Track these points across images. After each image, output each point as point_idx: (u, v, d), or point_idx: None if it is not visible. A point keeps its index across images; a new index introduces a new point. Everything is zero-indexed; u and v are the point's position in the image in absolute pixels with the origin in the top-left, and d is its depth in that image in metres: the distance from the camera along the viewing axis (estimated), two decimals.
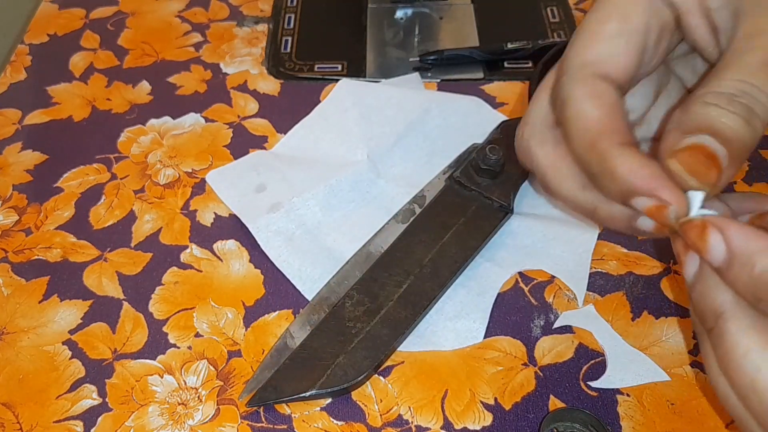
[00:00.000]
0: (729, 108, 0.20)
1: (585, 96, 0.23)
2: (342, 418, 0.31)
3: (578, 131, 0.23)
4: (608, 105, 0.22)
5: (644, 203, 0.21)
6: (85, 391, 0.32)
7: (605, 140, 0.22)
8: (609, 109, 0.22)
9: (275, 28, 0.51)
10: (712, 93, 0.21)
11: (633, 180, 0.21)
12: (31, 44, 0.50)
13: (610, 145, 0.22)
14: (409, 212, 0.37)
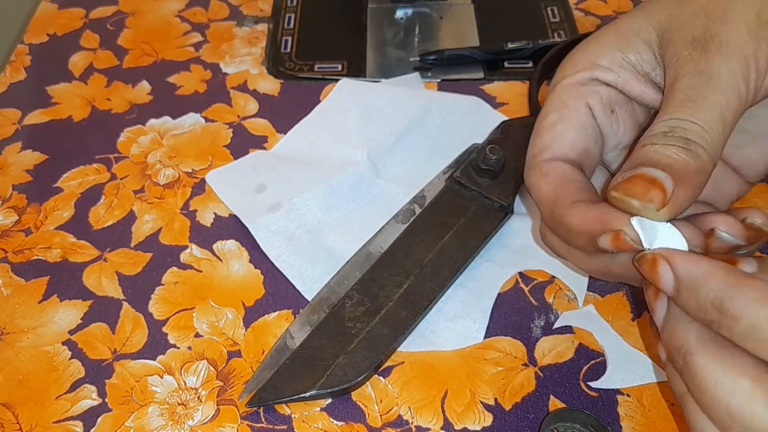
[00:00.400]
0: (663, 142, 0.23)
1: (536, 178, 0.27)
2: (342, 418, 0.31)
3: (540, 208, 0.27)
4: (555, 178, 0.26)
5: (605, 240, 0.23)
6: (84, 391, 0.32)
7: (558, 206, 0.25)
8: (557, 180, 0.26)
9: (275, 28, 0.51)
10: (647, 136, 0.24)
11: (585, 226, 0.24)
12: (30, 44, 0.50)
13: (562, 209, 0.25)
14: (409, 212, 0.37)
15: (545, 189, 0.26)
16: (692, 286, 0.21)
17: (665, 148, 0.23)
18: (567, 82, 0.27)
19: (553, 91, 0.28)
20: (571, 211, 0.25)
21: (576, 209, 0.24)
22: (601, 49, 0.27)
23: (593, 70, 0.27)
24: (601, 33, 0.27)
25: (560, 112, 0.27)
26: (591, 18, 0.51)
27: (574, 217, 0.24)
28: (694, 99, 0.23)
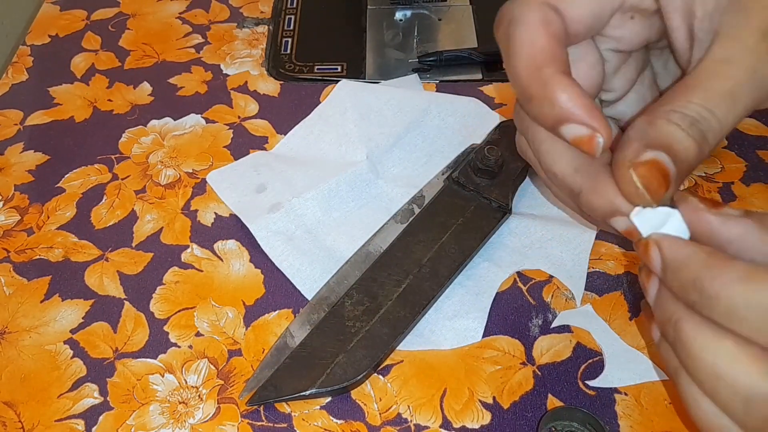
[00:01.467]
0: (689, 131, 0.22)
1: (536, 20, 0.23)
2: (341, 416, 0.31)
3: (525, 53, 0.23)
4: (555, 35, 0.23)
5: (576, 131, 0.23)
6: (86, 390, 0.32)
7: (550, 67, 0.23)
8: (556, 38, 0.23)
9: (275, 30, 0.51)
10: (678, 113, 0.22)
11: (570, 107, 0.22)
12: (32, 45, 0.51)
13: (554, 72, 0.23)
14: (408, 212, 0.38)
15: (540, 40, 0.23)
16: (676, 268, 0.22)
17: (687, 140, 0.22)
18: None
19: None
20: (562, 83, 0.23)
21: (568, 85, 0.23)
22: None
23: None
24: None
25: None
26: None
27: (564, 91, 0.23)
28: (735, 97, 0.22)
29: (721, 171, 0.41)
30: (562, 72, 0.23)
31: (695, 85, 0.23)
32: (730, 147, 0.42)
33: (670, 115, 0.22)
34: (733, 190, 0.40)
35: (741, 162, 0.41)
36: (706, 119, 0.22)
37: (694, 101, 0.22)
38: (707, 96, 0.22)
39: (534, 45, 0.23)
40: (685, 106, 0.22)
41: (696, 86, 0.23)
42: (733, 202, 0.39)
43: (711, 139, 0.23)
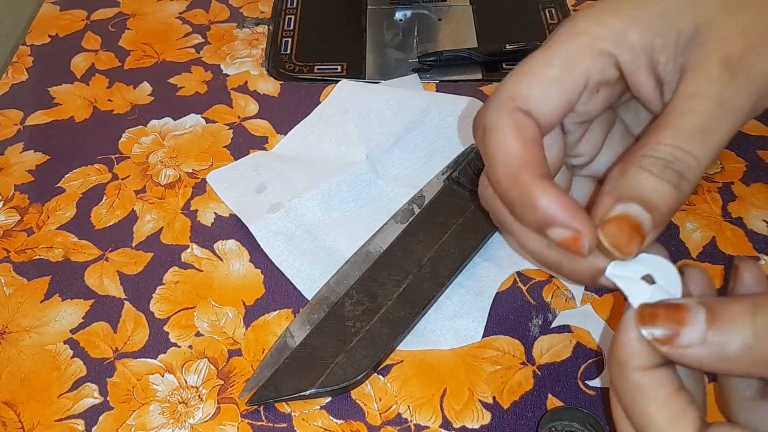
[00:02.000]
0: (662, 176, 0.22)
1: (509, 127, 0.23)
2: (341, 416, 0.31)
3: (501, 162, 0.24)
4: (530, 139, 0.23)
5: (560, 233, 0.23)
6: (86, 390, 0.32)
7: (527, 173, 0.23)
8: (531, 143, 0.23)
9: (275, 30, 0.51)
10: (649, 157, 0.22)
11: (552, 212, 0.22)
12: (32, 45, 0.51)
13: (531, 178, 0.23)
14: (408, 212, 0.38)
15: (515, 146, 0.23)
16: None
17: (661, 185, 0.22)
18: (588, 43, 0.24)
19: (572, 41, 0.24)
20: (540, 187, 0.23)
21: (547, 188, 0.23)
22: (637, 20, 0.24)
23: (619, 45, 0.24)
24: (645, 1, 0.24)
25: (563, 73, 0.24)
26: None
27: (544, 195, 0.23)
28: (707, 130, 0.22)
29: (721, 171, 0.41)
30: (540, 176, 0.23)
31: (665, 124, 0.23)
32: (730, 147, 0.42)
33: (641, 161, 0.22)
34: (733, 190, 0.40)
35: (741, 162, 0.41)
36: (680, 159, 0.22)
37: (665, 142, 0.22)
38: (678, 135, 0.22)
39: (509, 152, 0.23)
40: (656, 148, 0.22)
41: (666, 125, 0.23)
42: (733, 202, 0.39)
43: (690, 177, 0.22)
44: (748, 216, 0.38)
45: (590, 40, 0.24)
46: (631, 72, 0.25)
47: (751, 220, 0.38)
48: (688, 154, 0.22)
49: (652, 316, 0.21)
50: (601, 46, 0.24)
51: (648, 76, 0.25)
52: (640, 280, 0.23)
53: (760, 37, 0.23)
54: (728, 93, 0.23)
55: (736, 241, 0.37)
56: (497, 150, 0.24)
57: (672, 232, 0.38)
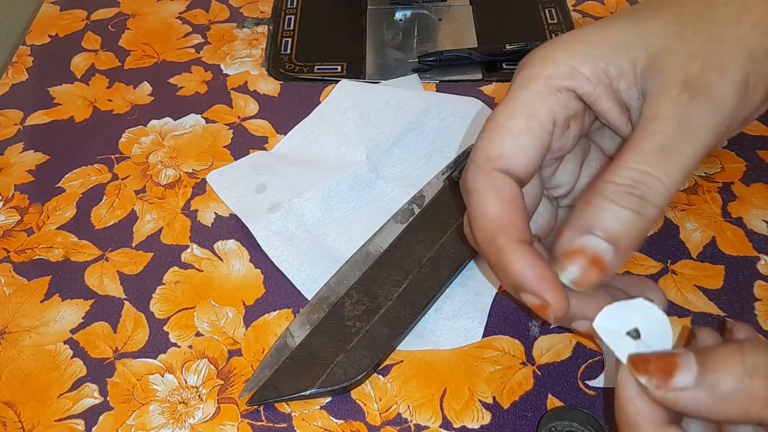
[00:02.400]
0: (623, 203, 0.22)
1: (487, 190, 0.24)
2: (341, 416, 0.31)
3: (480, 223, 0.24)
4: (508, 200, 0.24)
5: (531, 300, 0.23)
6: (86, 390, 0.32)
7: (503, 236, 0.24)
8: (508, 204, 0.24)
9: (275, 30, 0.51)
10: (610, 184, 0.23)
11: (523, 279, 0.23)
12: (32, 45, 0.51)
13: (507, 242, 0.23)
14: (408, 212, 0.38)
15: (492, 208, 0.24)
16: None
17: (621, 212, 0.22)
18: (543, 85, 0.25)
19: (527, 87, 0.25)
20: (514, 252, 0.23)
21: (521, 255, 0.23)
22: (587, 54, 0.25)
23: (574, 79, 0.25)
24: (592, 33, 0.25)
25: (529, 121, 0.25)
26: (588, 19, 0.51)
27: (516, 261, 0.23)
28: (668, 150, 0.23)
29: (721, 171, 0.41)
30: (517, 240, 0.23)
31: (630, 148, 0.23)
32: (730, 147, 0.42)
33: (604, 188, 0.23)
34: (733, 190, 0.40)
35: (741, 162, 0.41)
36: (641, 181, 0.22)
37: (627, 165, 0.23)
38: (640, 156, 0.23)
39: (487, 215, 0.24)
40: (619, 173, 0.23)
41: (630, 149, 0.23)
42: (733, 202, 0.39)
43: (654, 198, 0.22)
44: (748, 216, 0.38)
45: (545, 81, 0.25)
46: (594, 101, 0.25)
47: (751, 220, 0.38)
48: (650, 175, 0.22)
49: (644, 363, 0.22)
50: (557, 84, 0.25)
51: (611, 104, 0.25)
52: (625, 335, 0.23)
53: (718, 59, 0.24)
54: (689, 113, 0.23)
55: (736, 241, 0.37)
56: (476, 213, 0.25)
57: (672, 232, 0.38)
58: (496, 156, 0.24)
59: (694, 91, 0.23)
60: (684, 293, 0.35)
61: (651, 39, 0.24)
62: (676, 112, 0.23)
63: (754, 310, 0.34)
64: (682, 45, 0.24)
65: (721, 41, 0.24)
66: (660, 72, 0.24)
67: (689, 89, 0.23)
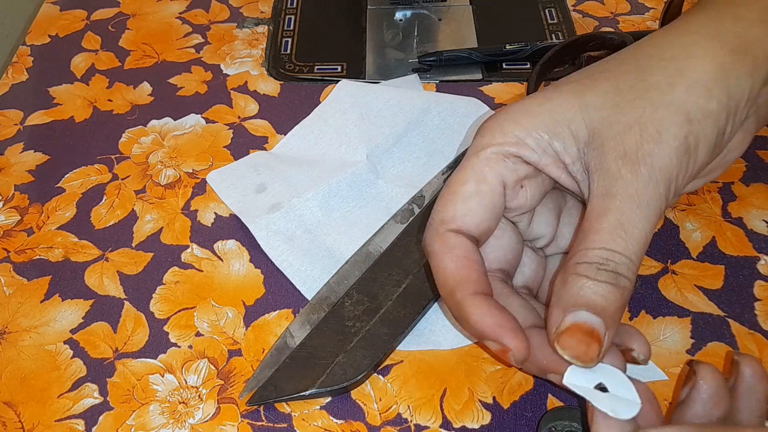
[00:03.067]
0: (598, 278, 0.24)
1: (442, 250, 0.26)
2: (341, 416, 0.31)
3: (439, 281, 0.26)
4: (461, 257, 0.26)
5: (493, 346, 0.25)
6: (86, 390, 0.32)
7: (460, 291, 0.25)
8: (462, 261, 0.26)
9: (275, 30, 0.51)
10: (582, 264, 0.24)
11: (481, 327, 0.25)
12: (32, 45, 0.51)
13: (464, 296, 0.25)
14: (408, 212, 0.38)
15: (449, 266, 0.26)
16: None
17: (600, 287, 0.24)
18: (492, 152, 0.27)
19: (477, 155, 0.27)
20: (471, 305, 0.25)
21: (477, 306, 0.25)
22: (531, 127, 0.26)
23: (519, 147, 0.26)
24: (537, 106, 0.27)
25: (478, 185, 0.26)
26: (588, 19, 0.51)
27: (473, 312, 0.25)
28: (624, 227, 0.24)
29: None
30: (473, 293, 0.25)
31: (588, 229, 0.24)
32: None
33: (577, 268, 0.24)
34: (733, 190, 0.40)
35: (741, 162, 0.41)
36: (609, 258, 0.24)
37: (591, 247, 0.24)
38: (601, 237, 0.24)
39: (445, 273, 0.26)
40: (587, 254, 0.24)
41: (589, 231, 0.24)
42: (733, 202, 0.39)
43: (625, 272, 0.24)
44: (748, 216, 0.38)
45: (494, 149, 0.26)
46: (542, 168, 0.27)
47: (751, 220, 0.38)
48: (616, 252, 0.24)
49: None
50: (505, 150, 0.26)
51: (560, 172, 0.27)
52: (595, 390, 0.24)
53: (653, 127, 0.25)
54: (634, 186, 0.24)
55: (736, 241, 0.37)
56: (435, 272, 0.26)
57: (672, 232, 0.38)
58: (449, 218, 0.26)
59: (634, 163, 0.24)
60: (684, 293, 0.35)
61: (590, 113, 0.26)
62: (621, 187, 0.24)
63: (754, 310, 0.34)
64: (619, 116, 0.25)
65: (657, 108, 0.25)
66: (600, 147, 0.25)
67: (629, 162, 0.24)
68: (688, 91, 0.25)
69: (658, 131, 0.25)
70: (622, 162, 0.24)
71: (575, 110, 0.26)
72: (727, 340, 0.33)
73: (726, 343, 0.33)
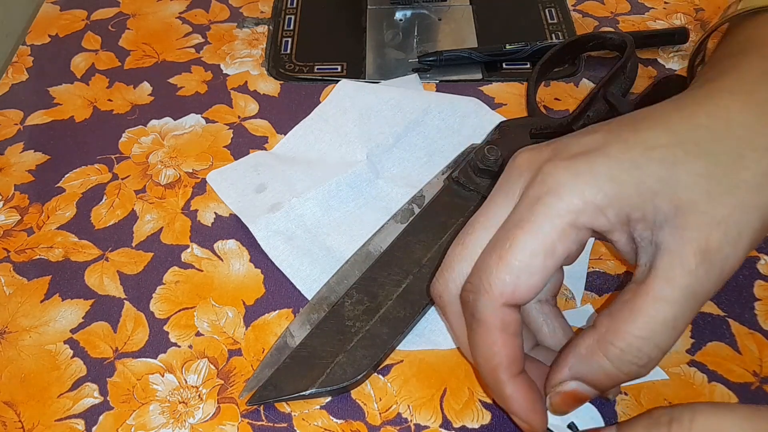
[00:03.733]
0: (621, 369, 0.24)
1: (496, 325, 0.26)
2: (341, 416, 0.31)
3: (483, 352, 0.26)
4: (512, 335, 0.26)
5: (519, 422, 0.27)
6: (86, 389, 0.32)
7: (504, 372, 0.26)
8: (512, 339, 0.26)
9: (275, 30, 0.52)
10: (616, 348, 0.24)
11: (516, 408, 0.26)
12: (32, 45, 0.51)
13: (507, 378, 0.26)
14: (408, 212, 0.38)
15: (498, 342, 0.26)
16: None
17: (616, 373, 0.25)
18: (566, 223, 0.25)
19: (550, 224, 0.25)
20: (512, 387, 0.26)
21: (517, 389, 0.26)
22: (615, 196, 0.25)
23: (596, 218, 0.25)
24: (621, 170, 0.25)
25: (545, 260, 0.25)
26: (588, 19, 0.51)
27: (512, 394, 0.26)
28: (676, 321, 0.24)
29: None
30: (513, 375, 0.26)
31: (639, 309, 0.24)
32: None
33: (609, 350, 0.24)
34: None
35: None
36: (645, 352, 0.24)
37: (635, 333, 0.24)
38: (648, 326, 0.24)
39: (492, 348, 0.26)
40: (626, 339, 0.24)
41: (640, 312, 0.24)
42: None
43: (652, 365, 0.25)
44: None
45: (572, 218, 0.25)
46: (605, 232, 0.26)
47: None
48: (656, 346, 0.24)
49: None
50: (581, 222, 0.25)
51: (622, 236, 0.26)
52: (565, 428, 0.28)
53: (736, 231, 0.24)
54: (700, 285, 0.24)
55: None
56: (482, 342, 0.26)
57: None
58: (509, 293, 0.25)
59: (710, 264, 0.24)
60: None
61: (679, 191, 0.24)
62: (690, 283, 0.24)
63: (754, 310, 0.34)
64: (709, 207, 0.24)
65: (745, 210, 0.24)
66: (681, 230, 0.24)
67: (706, 261, 0.24)
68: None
69: (739, 234, 0.24)
70: (701, 258, 0.24)
71: (665, 183, 0.24)
72: (727, 339, 0.33)
73: (726, 343, 0.33)
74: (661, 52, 0.48)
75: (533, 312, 0.30)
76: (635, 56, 0.42)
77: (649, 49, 0.48)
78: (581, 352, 0.25)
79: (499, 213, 0.26)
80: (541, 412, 0.26)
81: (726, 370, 0.32)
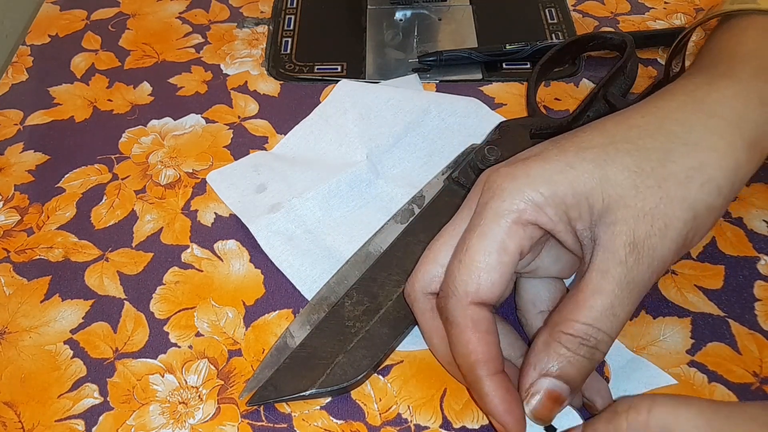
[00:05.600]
0: (577, 352, 0.26)
1: (466, 324, 0.27)
2: (341, 416, 0.31)
3: (460, 352, 0.28)
4: (485, 333, 0.27)
5: (496, 424, 0.27)
6: (86, 390, 0.32)
7: (481, 369, 0.27)
8: (485, 336, 0.27)
9: (275, 30, 0.51)
10: (566, 335, 0.26)
11: (493, 408, 0.27)
12: (32, 45, 0.51)
13: (484, 375, 0.27)
14: (408, 212, 0.38)
15: (472, 340, 0.27)
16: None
17: (575, 359, 0.26)
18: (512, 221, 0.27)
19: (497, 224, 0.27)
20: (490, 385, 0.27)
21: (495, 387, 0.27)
22: (551, 196, 0.27)
23: (539, 215, 0.27)
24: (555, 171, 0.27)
25: (500, 257, 0.27)
26: (588, 19, 0.51)
27: (490, 393, 0.27)
28: (615, 309, 0.26)
29: None
30: (492, 373, 0.27)
31: (581, 302, 0.26)
32: None
33: (561, 337, 0.26)
34: None
35: None
36: (593, 336, 0.26)
37: (580, 321, 0.26)
38: (590, 314, 0.26)
39: (467, 347, 0.27)
40: (573, 326, 0.26)
41: (582, 304, 0.26)
42: (733, 201, 0.39)
43: (602, 348, 0.26)
44: (748, 216, 0.38)
45: (514, 216, 0.27)
46: (555, 233, 0.28)
47: (751, 220, 0.38)
48: (600, 331, 0.26)
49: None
50: (525, 219, 0.27)
51: (569, 236, 0.28)
52: None
53: (664, 222, 0.26)
54: (632, 274, 0.26)
55: (736, 241, 0.37)
56: (457, 343, 0.28)
57: None
58: (473, 291, 0.27)
59: (639, 254, 0.26)
60: (684, 293, 0.35)
61: (609, 189, 0.26)
62: (623, 273, 0.26)
63: (754, 310, 0.34)
64: (636, 200, 0.26)
65: (671, 202, 0.26)
66: (612, 225, 0.26)
67: (635, 251, 0.26)
68: (702, 188, 0.26)
69: (666, 225, 0.26)
70: (630, 249, 0.26)
71: (595, 182, 0.27)
72: (727, 340, 0.33)
73: (726, 344, 0.33)
74: (661, 52, 0.48)
75: (536, 322, 0.31)
76: (635, 56, 0.42)
77: (649, 49, 0.48)
78: (539, 347, 0.27)
79: (463, 225, 0.29)
80: (517, 415, 0.27)
81: (726, 370, 0.32)
